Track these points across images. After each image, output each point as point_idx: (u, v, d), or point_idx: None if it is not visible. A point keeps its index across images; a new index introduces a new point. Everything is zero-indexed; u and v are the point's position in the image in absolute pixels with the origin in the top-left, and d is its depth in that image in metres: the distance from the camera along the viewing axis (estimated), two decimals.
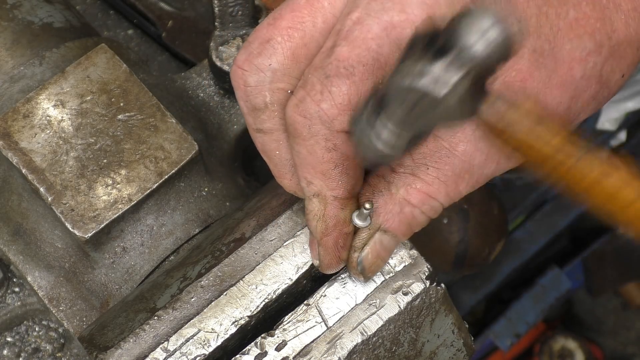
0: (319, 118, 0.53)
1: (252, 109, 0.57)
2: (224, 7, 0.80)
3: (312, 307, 0.61)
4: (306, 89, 0.53)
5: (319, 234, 0.58)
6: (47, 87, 0.74)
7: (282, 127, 0.57)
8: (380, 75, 0.52)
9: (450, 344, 0.66)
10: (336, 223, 0.57)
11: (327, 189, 0.55)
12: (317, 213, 0.57)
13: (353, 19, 0.52)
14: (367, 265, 0.59)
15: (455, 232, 0.95)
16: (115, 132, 0.73)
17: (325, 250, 0.58)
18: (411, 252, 0.64)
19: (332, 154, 0.54)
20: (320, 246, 0.58)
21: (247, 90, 0.56)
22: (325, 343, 0.60)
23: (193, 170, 0.74)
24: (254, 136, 0.59)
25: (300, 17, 0.55)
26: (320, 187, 0.55)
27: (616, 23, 0.56)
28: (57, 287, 0.75)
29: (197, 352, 0.60)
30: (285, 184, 0.60)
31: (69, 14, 0.85)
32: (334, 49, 0.52)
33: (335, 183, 0.55)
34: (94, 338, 0.63)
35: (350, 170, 0.55)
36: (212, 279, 0.62)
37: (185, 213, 0.74)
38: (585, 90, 0.56)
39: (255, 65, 0.55)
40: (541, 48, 0.54)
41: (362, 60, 0.52)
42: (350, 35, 0.52)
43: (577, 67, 0.55)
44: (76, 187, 0.71)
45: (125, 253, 0.73)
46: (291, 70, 0.55)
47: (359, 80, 0.52)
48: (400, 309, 0.62)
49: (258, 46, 0.55)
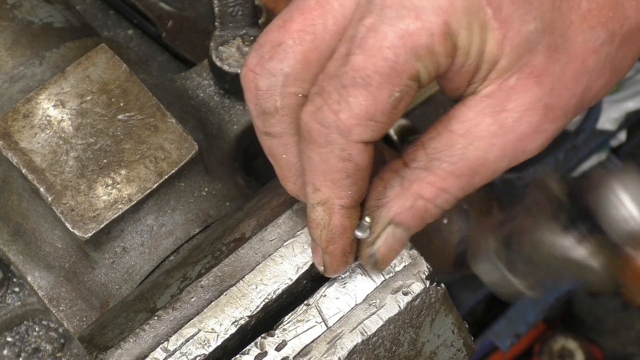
0: (337, 128, 0.53)
1: (262, 113, 0.57)
2: (224, 7, 0.80)
3: (312, 307, 0.61)
4: (323, 96, 0.53)
5: (323, 242, 0.58)
6: (47, 87, 0.74)
7: (290, 131, 0.57)
8: (397, 84, 0.52)
9: (450, 344, 0.66)
10: (342, 232, 0.57)
11: (335, 197, 0.55)
12: (321, 222, 0.57)
13: (367, 25, 0.52)
14: (379, 258, 0.59)
15: (455, 232, 0.95)
16: (115, 132, 0.73)
17: (333, 258, 0.59)
18: (411, 252, 0.64)
19: (346, 164, 0.54)
20: (326, 254, 0.58)
21: (258, 94, 0.56)
22: (325, 343, 0.60)
23: (193, 170, 0.74)
24: (261, 139, 0.59)
25: (311, 19, 0.54)
26: (328, 195, 0.55)
27: (628, 10, 0.56)
28: (57, 287, 0.75)
29: (197, 352, 0.60)
30: (289, 187, 0.60)
31: (69, 14, 0.85)
32: (349, 58, 0.52)
33: (345, 192, 0.55)
34: (94, 338, 0.63)
35: (361, 181, 0.55)
36: (212, 279, 0.62)
37: (185, 213, 0.74)
38: (598, 80, 0.56)
39: (267, 70, 0.55)
40: (555, 43, 0.54)
41: (379, 70, 0.51)
42: (364, 43, 0.52)
43: (590, 59, 0.55)
44: (76, 187, 0.71)
45: (125, 253, 0.73)
46: (303, 74, 0.55)
47: (376, 90, 0.52)
48: (400, 309, 0.62)
49: (269, 50, 0.55)
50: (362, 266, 0.62)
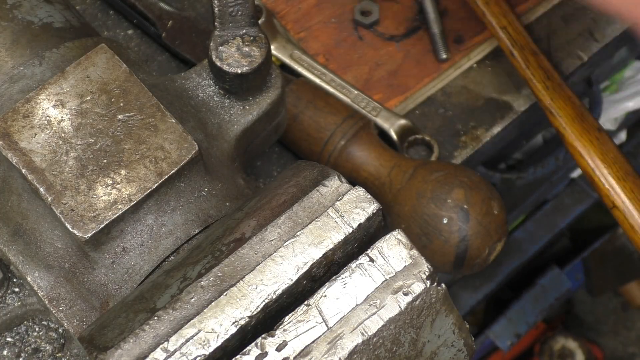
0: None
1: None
2: (223, 7, 0.80)
3: (313, 308, 0.61)
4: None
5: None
6: (46, 87, 0.74)
7: None
8: None
9: (451, 344, 0.66)
10: None
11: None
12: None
13: None
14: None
15: (455, 232, 0.95)
16: (115, 132, 0.73)
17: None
18: (411, 252, 0.64)
19: None
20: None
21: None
22: (326, 343, 0.60)
23: (193, 170, 0.74)
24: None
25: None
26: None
27: None
28: (57, 287, 0.75)
29: (197, 353, 0.60)
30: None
31: (68, 14, 0.85)
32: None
33: None
34: (94, 338, 0.63)
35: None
36: (212, 279, 0.62)
37: (185, 213, 0.74)
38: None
39: None
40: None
41: None
42: None
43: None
44: (76, 187, 0.71)
45: (125, 253, 0.73)
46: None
47: None
48: (401, 309, 0.62)
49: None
50: (363, 266, 0.62)
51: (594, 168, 1.00)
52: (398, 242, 0.63)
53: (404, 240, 0.63)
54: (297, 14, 1.16)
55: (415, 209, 0.97)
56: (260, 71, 0.80)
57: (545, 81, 1.05)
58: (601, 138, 1.01)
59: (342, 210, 0.65)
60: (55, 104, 0.73)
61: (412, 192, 0.97)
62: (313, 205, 0.65)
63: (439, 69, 1.13)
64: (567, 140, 1.02)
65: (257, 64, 0.79)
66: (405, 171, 1.00)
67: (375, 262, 0.63)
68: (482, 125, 1.13)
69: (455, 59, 1.14)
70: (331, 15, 1.16)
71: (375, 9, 1.15)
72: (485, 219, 0.96)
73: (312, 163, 0.70)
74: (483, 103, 1.14)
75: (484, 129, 1.13)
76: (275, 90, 0.84)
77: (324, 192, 0.66)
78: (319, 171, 0.68)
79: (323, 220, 0.64)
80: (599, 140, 1.01)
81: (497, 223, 0.97)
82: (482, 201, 0.96)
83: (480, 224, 0.96)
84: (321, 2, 1.17)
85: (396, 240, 0.64)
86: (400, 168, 1.00)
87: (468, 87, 1.15)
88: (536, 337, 2.07)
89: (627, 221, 0.98)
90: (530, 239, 1.73)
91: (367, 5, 1.15)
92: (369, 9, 1.15)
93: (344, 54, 1.14)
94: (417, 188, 0.97)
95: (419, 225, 0.96)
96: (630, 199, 0.98)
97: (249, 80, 0.80)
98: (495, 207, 0.98)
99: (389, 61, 1.14)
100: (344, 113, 1.04)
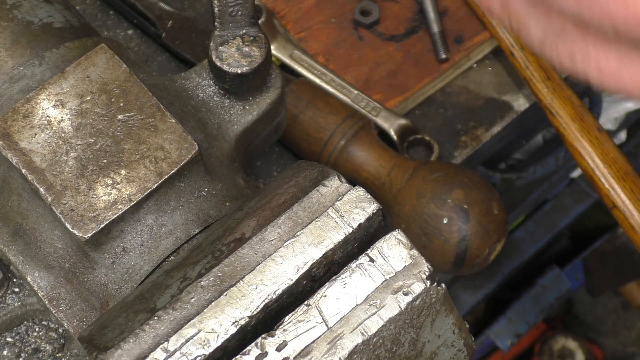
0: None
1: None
2: (223, 7, 0.80)
3: (313, 308, 0.61)
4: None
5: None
6: (46, 87, 0.74)
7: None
8: None
9: (451, 344, 0.66)
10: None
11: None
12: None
13: None
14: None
15: (455, 232, 0.95)
16: (115, 132, 0.73)
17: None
18: (411, 252, 0.63)
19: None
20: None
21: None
22: (326, 343, 0.60)
23: (193, 170, 0.74)
24: None
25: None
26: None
27: None
28: (57, 288, 0.75)
29: (197, 353, 0.60)
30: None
31: (68, 14, 0.85)
32: None
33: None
34: (94, 338, 0.63)
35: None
36: (212, 279, 0.62)
37: (185, 213, 0.74)
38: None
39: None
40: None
41: None
42: None
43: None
44: (76, 187, 0.71)
45: (125, 253, 0.73)
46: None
47: None
48: (401, 309, 0.62)
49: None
50: (363, 266, 0.62)
51: (594, 168, 1.00)
52: (398, 242, 0.63)
53: (404, 240, 0.63)
54: (297, 14, 1.16)
55: (415, 209, 0.97)
56: (260, 71, 0.80)
57: (545, 81, 1.05)
58: (601, 138, 1.01)
59: (342, 210, 0.65)
60: (55, 104, 0.73)
61: (412, 192, 0.97)
62: (313, 205, 0.65)
63: (439, 69, 1.13)
64: (567, 140, 1.02)
65: (257, 64, 0.79)
66: (405, 171, 1.00)
67: (375, 262, 0.63)
68: (482, 125, 1.13)
69: (455, 59, 1.14)
70: (331, 15, 1.16)
71: (375, 9, 1.15)
72: (485, 219, 0.96)
73: (312, 163, 0.70)
74: (483, 103, 1.14)
75: (484, 129, 1.13)
76: (275, 90, 0.84)
77: (324, 192, 0.65)
78: (319, 171, 0.68)
79: (323, 220, 0.64)
80: (599, 140, 1.01)
81: (497, 223, 0.97)
82: (482, 201, 0.96)
83: (480, 224, 0.96)
84: (321, 2, 1.17)
85: (396, 240, 0.63)
86: (400, 168, 1.00)
87: (468, 87, 1.15)
88: (536, 337, 2.07)
89: (627, 221, 0.98)
90: (530, 239, 1.73)
91: (367, 5, 1.16)
92: (369, 9, 1.15)
93: (344, 54, 1.14)
94: (417, 188, 0.97)
95: (419, 225, 0.96)
96: (630, 199, 0.98)
97: (249, 80, 0.80)
98: (495, 207, 0.98)
99: (389, 61, 1.14)
100: (344, 113, 1.04)
